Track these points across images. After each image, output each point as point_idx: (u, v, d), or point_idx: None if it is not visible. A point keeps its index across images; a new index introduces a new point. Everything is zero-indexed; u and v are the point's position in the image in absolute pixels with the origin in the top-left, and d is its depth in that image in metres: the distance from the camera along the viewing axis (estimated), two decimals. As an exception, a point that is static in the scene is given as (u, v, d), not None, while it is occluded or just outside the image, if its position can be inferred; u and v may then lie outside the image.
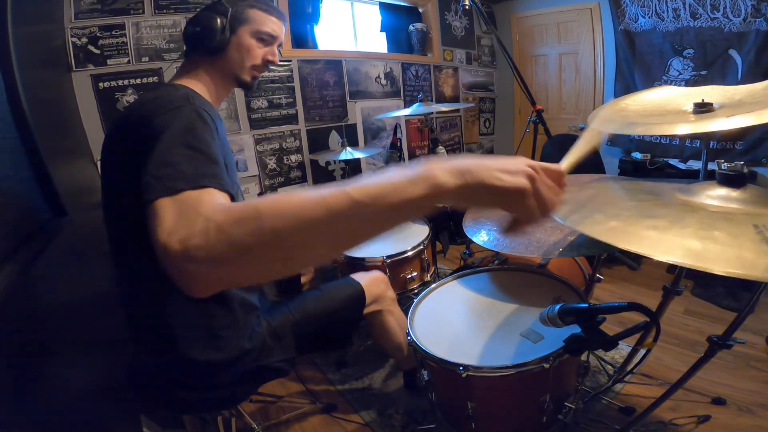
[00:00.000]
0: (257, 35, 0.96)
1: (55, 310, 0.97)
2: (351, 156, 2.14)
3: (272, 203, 0.43)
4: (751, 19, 2.36)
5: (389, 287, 1.27)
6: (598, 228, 0.60)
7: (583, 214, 0.65)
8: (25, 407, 0.73)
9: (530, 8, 3.50)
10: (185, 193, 0.54)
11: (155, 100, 0.72)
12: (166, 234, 0.46)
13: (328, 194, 0.43)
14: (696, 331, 1.73)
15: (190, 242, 0.43)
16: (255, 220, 0.42)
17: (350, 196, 0.42)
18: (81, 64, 1.80)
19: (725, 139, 2.57)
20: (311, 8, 2.68)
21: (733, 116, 0.72)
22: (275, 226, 0.42)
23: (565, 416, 0.91)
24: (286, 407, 1.50)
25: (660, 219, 0.59)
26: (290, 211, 0.42)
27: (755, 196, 0.63)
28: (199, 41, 0.91)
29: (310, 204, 0.42)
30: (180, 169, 0.58)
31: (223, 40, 0.91)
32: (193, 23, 0.91)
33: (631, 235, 0.56)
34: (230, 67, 0.95)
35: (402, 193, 0.43)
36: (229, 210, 0.45)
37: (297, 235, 0.42)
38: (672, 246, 0.52)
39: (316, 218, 0.42)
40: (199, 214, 0.47)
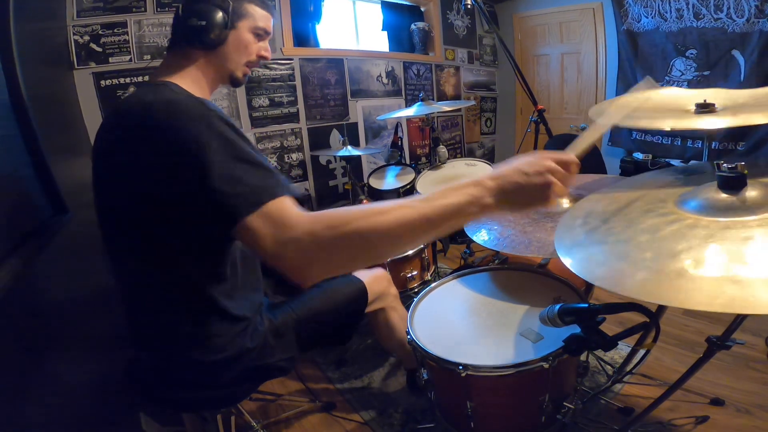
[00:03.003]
0: (254, 31, 0.94)
1: (57, 307, 0.97)
2: (352, 154, 2.14)
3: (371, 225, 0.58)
4: (755, 19, 2.35)
5: (391, 284, 1.26)
6: (631, 283, 0.57)
7: (608, 265, 0.63)
8: (26, 404, 0.74)
9: (532, 8, 3.49)
10: (268, 205, 0.62)
11: (174, 106, 0.70)
12: (278, 247, 0.60)
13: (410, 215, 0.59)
14: (695, 331, 1.73)
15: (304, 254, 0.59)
16: (357, 240, 0.59)
17: (426, 218, 0.59)
18: (83, 61, 1.80)
19: (726, 140, 2.57)
20: (313, 7, 2.68)
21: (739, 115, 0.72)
22: (372, 244, 0.60)
23: (564, 416, 0.92)
24: (285, 405, 1.51)
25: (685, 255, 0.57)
26: (384, 232, 0.59)
27: (758, 198, 0.63)
28: (197, 34, 0.86)
29: (397, 225, 0.58)
30: (252, 183, 0.64)
31: (224, 34, 0.88)
32: (193, 15, 0.86)
33: (667, 289, 0.54)
34: (226, 62, 0.92)
35: (461, 213, 0.60)
36: (332, 227, 0.59)
37: (387, 247, 0.62)
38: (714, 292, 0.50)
39: (401, 234, 0.59)
40: (297, 226, 0.60)
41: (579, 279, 1.44)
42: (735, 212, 0.62)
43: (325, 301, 1.06)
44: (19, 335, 0.78)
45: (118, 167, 0.74)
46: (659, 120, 0.84)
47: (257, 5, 0.94)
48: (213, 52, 0.90)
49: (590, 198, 0.87)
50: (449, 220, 0.60)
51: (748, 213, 0.61)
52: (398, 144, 2.94)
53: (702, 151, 2.64)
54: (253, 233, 0.61)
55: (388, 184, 2.04)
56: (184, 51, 0.89)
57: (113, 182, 0.77)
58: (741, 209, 0.62)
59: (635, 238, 0.66)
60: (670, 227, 0.65)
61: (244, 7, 0.91)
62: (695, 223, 0.63)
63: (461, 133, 3.67)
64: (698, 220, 0.64)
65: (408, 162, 3.10)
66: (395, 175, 2.10)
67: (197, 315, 0.81)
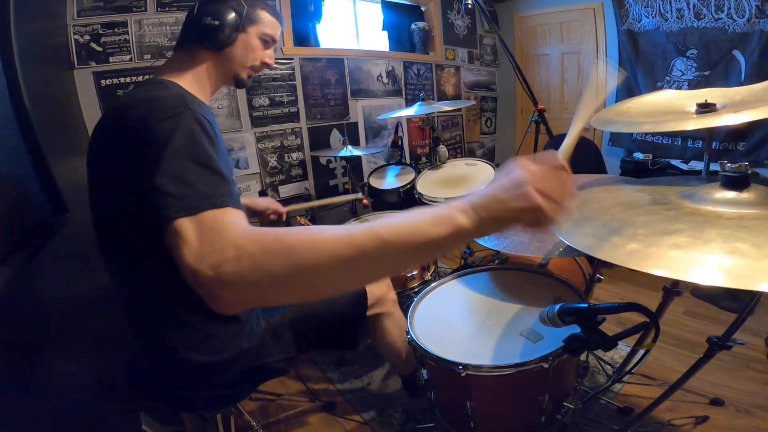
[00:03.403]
0: (263, 37, 0.96)
1: (56, 307, 0.97)
2: (352, 154, 2.14)
3: (304, 239, 0.47)
4: (756, 19, 2.35)
5: (391, 289, 1.26)
6: (620, 253, 0.58)
7: (599, 236, 0.64)
8: (26, 403, 0.74)
9: (533, 7, 3.49)
10: (207, 213, 0.54)
11: (153, 102, 0.70)
12: (194, 258, 0.49)
13: (358, 233, 0.46)
14: (695, 331, 1.73)
15: (223, 269, 0.47)
16: (287, 255, 0.46)
17: (379, 235, 0.46)
18: (83, 61, 1.80)
19: (727, 140, 2.57)
20: (313, 6, 2.68)
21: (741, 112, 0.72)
22: (306, 262, 0.46)
23: (563, 416, 0.92)
24: (285, 405, 1.51)
25: (679, 235, 0.58)
26: (321, 248, 0.46)
27: (760, 197, 0.63)
28: (209, 34, 0.88)
29: (340, 242, 0.46)
30: (198, 187, 0.58)
31: (234, 36, 0.90)
32: (208, 14, 0.87)
33: (656, 258, 0.54)
34: (232, 64, 0.94)
35: (425, 234, 0.47)
36: (261, 241, 0.48)
37: (327, 271, 0.46)
38: (704, 266, 0.51)
39: (346, 256, 0.46)
40: (225, 239, 0.49)
41: (579, 279, 1.45)
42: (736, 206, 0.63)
43: (323, 302, 1.06)
44: (19, 335, 0.78)
45: (103, 166, 0.75)
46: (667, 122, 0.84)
47: (269, 12, 0.96)
48: (220, 53, 0.91)
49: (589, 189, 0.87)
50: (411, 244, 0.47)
51: (749, 207, 0.62)
52: (398, 144, 2.94)
53: (702, 151, 2.65)
54: (177, 239, 0.52)
55: (388, 183, 2.04)
56: (191, 50, 0.91)
57: (100, 181, 0.77)
58: (742, 204, 0.63)
59: (633, 219, 0.67)
60: (668, 212, 0.66)
61: (256, 12, 0.93)
62: (693, 211, 0.65)
63: (461, 132, 3.67)
64: (697, 209, 0.65)
65: (408, 162, 3.10)
66: (395, 174, 2.10)
67: (191, 316, 0.80)
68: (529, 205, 0.48)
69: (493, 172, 1.74)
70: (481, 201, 0.49)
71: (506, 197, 0.49)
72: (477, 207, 0.49)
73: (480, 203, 0.49)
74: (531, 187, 0.48)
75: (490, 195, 0.50)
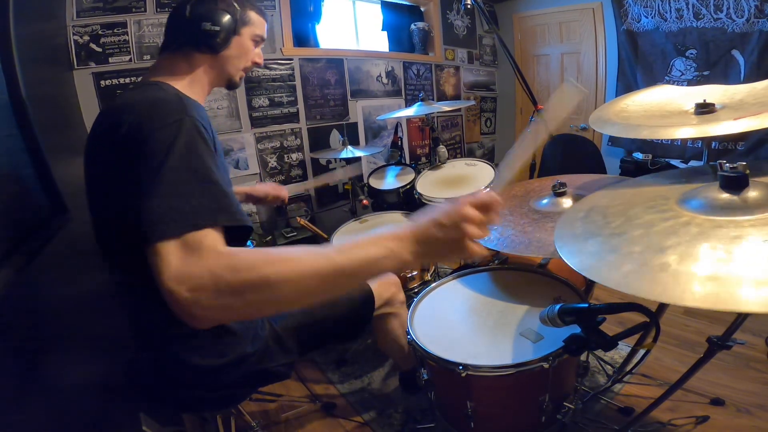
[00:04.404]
0: (255, 38, 0.96)
1: (56, 307, 0.97)
2: (352, 155, 2.14)
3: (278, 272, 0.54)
4: (755, 19, 2.35)
5: (400, 290, 1.24)
6: (615, 275, 0.59)
7: (599, 257, 0.65)
8: (26, 404, 0.74)
9: (532, 8, 3.49)
10: (189, 235, 0.56)
11: (151, 106, 0.69)
12: (174, 281, 0.53)
13: (323, 265, 0.55)
14: (695, 331, 1.73)
15: (200, 294, 0.52)
16: (261, 287, 0.53)
17: (340, 269, 0.56)
18: (83, 62, 1.80)
19: (726, 140, 2.57)
20: (313, 7, 2.68)
21: (740, 119, 0.72)
22: (278, 294, 0.54)
23: (563, 416, 0.92)
24: (285, 406, 1.51)
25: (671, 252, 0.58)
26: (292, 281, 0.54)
27: (759, 199, 0.63)
28: (206, 39, 0.86)
29: (309, 275, 0.55)
30: (183, 207, 0.58)
31: (228, 40, 0.89)
32: (206, 19, 0.85)
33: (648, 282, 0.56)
34: (227, 67, 0.94)
35: (377, 266, 0.58)
36: (237, 270, 0.53)
37: (295, 298, 0.56)
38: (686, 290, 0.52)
39: (312, 286, 0.55)
40: (205, 266, 0.54)
41: (579, 279, 1.44)
42: (732, 211, 0.63)
43: (329, 307, 1.04)
44: (19, 335, 0.78)
45: (100, 170, 0.74)
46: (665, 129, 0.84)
47: (256, 12, 0.96)
48: (216, 56, 0.90)
49: (597, 194, 0.87)
50: (364, 273, 0.58)
51: (745, 212, 0.61)
52: (398, 144, 2.94)
53: (702, 151, 2.65)
54: (157, 259, 0.55)
55: (388, 184, 2.04)
56: (185, 53, 0.89)
57: (98, 185, 0.76)
58: (739, 208, 0.62)
59: (630, 232, 0.67)
60: (664, 223, 0.66)
61: (247, 13, 0.93)
62: (690, 221, 0.64)
63: (461, 133, 3.67)
64: (693, 218, 0.64)
65: (408, 162, 3.10)
66: (395, 175, 2.10)
67: None
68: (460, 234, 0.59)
69: (492, 172, 1.73)
70: (424, 233, 0.60)
71: (446, 222, 0.60)
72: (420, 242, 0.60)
73: (423, 236, 0.60)
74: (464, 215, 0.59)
75: (433, 221, 0.60)
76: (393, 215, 1.81)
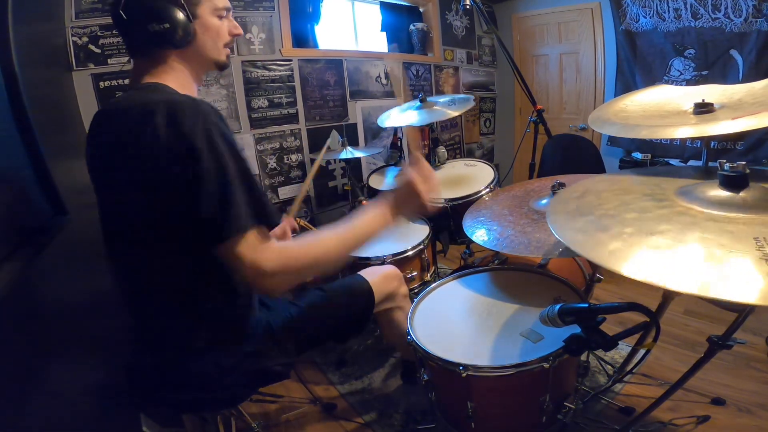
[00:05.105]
0: (217, 12, 0.87)
1: (56, 309, 0.97)
2: (351, 155, 2.14)
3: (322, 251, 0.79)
4: (753, 19, 2.36)
5: (402, 283, 1.23)
6: (602, 251, 0.60)
7: (588, 233, 0.66)
8: (26, 406, 0.74)
9: (531, 8, 3.49)
10: (252, 233, 0.70)
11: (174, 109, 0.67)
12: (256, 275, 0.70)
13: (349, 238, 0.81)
14: (696, 331, 1.73)
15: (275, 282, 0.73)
16: (313, 266, 0.79)
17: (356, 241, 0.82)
18: (82, 63, 1.80)
19: (726, 140, 2.57)
20: (312, 8, 2.68)
21: (739, 119, 0.72)
22: (324, 267, 0.81)
23: (564, 416, 0.92)
24: (286, 407, 1.50)
25: (662, 236, 0.59)
26: (331, 256, 0.80)
27: (757, 199, 0.63)
28: (165, 37, 0.78)
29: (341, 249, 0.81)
30: (243, 209, 0.70)
31: (191, 28, 0.81)
32: (152, 19, 0.77)
33: (633, 260, 0.57)
34: (205, 53, 0.87)
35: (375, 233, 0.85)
36: (297, 258, 0.76)
37: (332, 266, 0.82)
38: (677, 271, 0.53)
39: (343, 255, 0.82)
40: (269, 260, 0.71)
41: (579, 279, 1.44)
42: (728, 208, 0.63)
43: (328, 309, 1.04)
44: (19, 337, 0.78)
45: (124, 172, 0.73)
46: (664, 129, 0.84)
47: None
48: (187, 48, 0.83)
49: (595, 178, 0.87)
50: (369, 239, 0.84)
51: (742, 211, 0.61)
52: (398, 145, 2.94)
53: (701, 151, 2.65)
54: (235, 257, 0.69)
55: (387, 184, 2.04)
56: (155, 55, 0.83)
57: (113, 185, 0.76)
58: (737, 206, 0.63)
59: (622, 215, 0.68)
60: (659, 211, 0.66)
61: None
62: (685, 211, 0.65)
63: (460, 133, 3.67)
64: (688, 209, 0.65)
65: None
66: (395, 175, 2.10)
67: (195, 319, 0.80)
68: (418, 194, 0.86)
69: (492, 173, 1.73)
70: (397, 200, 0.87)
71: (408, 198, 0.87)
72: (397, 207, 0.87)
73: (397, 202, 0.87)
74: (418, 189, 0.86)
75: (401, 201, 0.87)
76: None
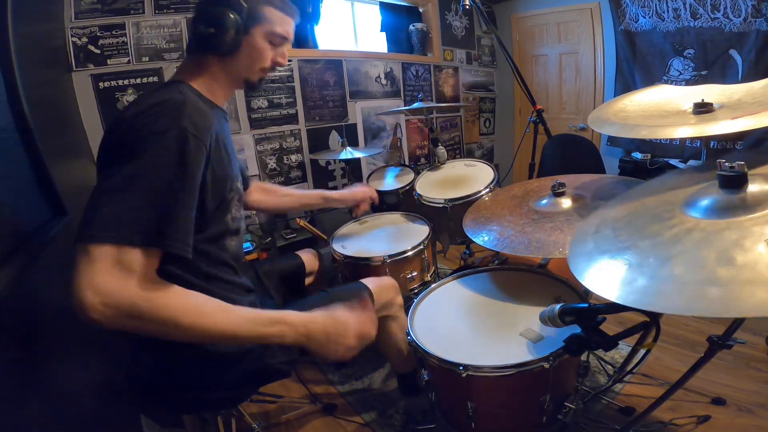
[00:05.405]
0: (270, 37, 0.89)
1: (55, 310, 0.97)
2: (351, 156, 2.14)
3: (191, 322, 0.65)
4: (752, 19, 2.36)
5: (398, 293, 1.24)
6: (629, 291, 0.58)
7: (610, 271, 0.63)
8: (26, 406, 0.73)
9: (530, 8, 3.50)
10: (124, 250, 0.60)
11: (148, 111, 0.69)
12: (92, 290, 0.57)
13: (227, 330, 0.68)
14: (696, 331, 1.73)
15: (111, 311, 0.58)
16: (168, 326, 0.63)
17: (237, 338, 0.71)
18: (81, 63, 1.80)
19: (725, 139, 2.57)
20: (312, 8, 2.68)
21: (738, 118, 0.72)
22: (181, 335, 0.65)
23: (564, 416, 0.91)
24: (286, 407, 1.50)
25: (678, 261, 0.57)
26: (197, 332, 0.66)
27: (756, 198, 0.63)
28: (208, 41, 0.82)
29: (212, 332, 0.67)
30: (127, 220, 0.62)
31: (236, 42, 0.84)
32: (204, 21, 0.81)
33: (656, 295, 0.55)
34: (239, 69, 0.89)
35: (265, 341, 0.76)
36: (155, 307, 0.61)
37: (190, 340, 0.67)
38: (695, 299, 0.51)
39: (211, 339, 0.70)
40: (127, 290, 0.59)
41: (579, 279, 1.43)
42: (734, 212, 0.62)
43: None
44: (19, 337, 0.78)
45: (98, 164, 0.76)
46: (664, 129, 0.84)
47: (276, 8, 0.89)
48: (225, 58, 0.86)
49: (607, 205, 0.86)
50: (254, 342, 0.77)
51: (747, 211, 0.61)
52: (397, 145, 2.94)
53: (701, 151, 2.65)
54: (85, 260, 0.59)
55: (387, 184, 2.04)
56: (198, 56, 0.87)
57: None
58: (740, 207, 0.62)
59: (637, 245, 0.65)
60: (670, 231, 0.65)
61: (261, 9, 0.86)
62: (694, 226, 0.63)
63: (460, 133, 3.67)
64: (697, 224, 0.63)
65: (407, 163, 3.10)
66: (395, 176, 2.10)
67: None
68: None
69: (492, 173, 1.73)
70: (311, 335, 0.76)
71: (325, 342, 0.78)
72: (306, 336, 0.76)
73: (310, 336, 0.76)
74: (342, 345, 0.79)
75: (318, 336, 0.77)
76: (392, 216, 1.81)
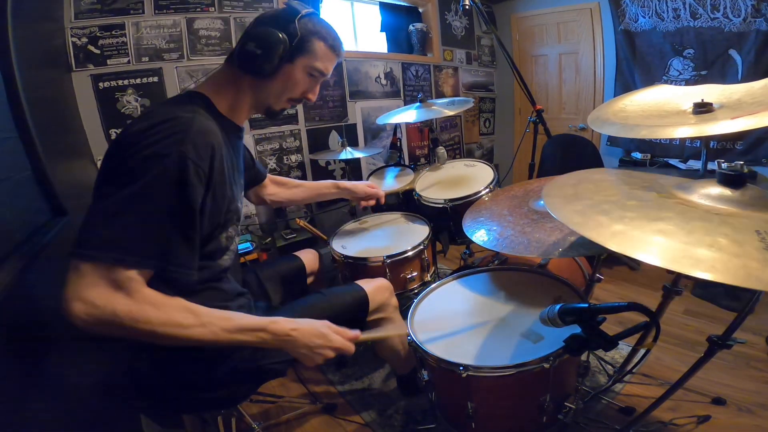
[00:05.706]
0: (311, 70, 0.87)
1: (55, 310, 0.96)
2: (351, 156, 2.14)
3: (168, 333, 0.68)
4: (751, 19, 2.36)
5: (393, 295, 1.25)
6: (603, 232, 0.58)
7: (587, 215, 0.64)
8: (26, 406, 0.73)
9: (530, 8, 3.50)
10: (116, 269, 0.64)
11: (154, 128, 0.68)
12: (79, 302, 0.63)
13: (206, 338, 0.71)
14: (696, 331, 1.73)
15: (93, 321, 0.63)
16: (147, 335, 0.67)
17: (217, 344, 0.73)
18: (81, 64, 1.80)
19: (725, 139, 2.57)
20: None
21: (738, 118, 0.72)
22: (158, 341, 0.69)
23: (564, 416, 0.91)
24: (286, 407, 1.50)
25: (665, 222, 0.58)
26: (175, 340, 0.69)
27: (754, 198, 0.63)
28: (252, 61, 0.80)
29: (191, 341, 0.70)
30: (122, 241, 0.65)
31: (277, 67, 0.82)
32: (255, 39, 0.79)
33: (637, 240, 0.55)
34: (268, 94, 0.87)
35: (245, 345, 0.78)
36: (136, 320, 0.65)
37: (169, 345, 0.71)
38: (681, 254, 0.52)
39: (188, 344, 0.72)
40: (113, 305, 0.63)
41: (579, 279, 1.44)
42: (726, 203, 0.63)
43: (324, 308, 1.05)
44: (19, 338, 0.78)
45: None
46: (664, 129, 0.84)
47: (326, 44, 0.88)
48: (258, 80, 0.85)
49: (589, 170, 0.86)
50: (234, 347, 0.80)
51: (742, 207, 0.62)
52: (397, 145, 2.94)
53: (700, 151, 2.65)
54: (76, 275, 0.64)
55: (387, 185, 2.04)
56: (232, 70, 0.85)
57: None
58: (737, 203, 0.63)
59: (623, 201, 0.67)
60: (660, 199, 0.66)
61: (311, 42, 0.85)
62: (685, 202, 0.64)
63: (460, 133, 3.67)
64: (688, 201, 0.65)
65: (407, 163, 3.10)
66: (394, 176, 2.10)
67: None
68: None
69: (491, 173, 1.73)
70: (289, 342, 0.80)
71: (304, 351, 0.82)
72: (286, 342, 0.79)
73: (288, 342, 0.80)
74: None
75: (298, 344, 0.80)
76: (392, 216, 1.81)
